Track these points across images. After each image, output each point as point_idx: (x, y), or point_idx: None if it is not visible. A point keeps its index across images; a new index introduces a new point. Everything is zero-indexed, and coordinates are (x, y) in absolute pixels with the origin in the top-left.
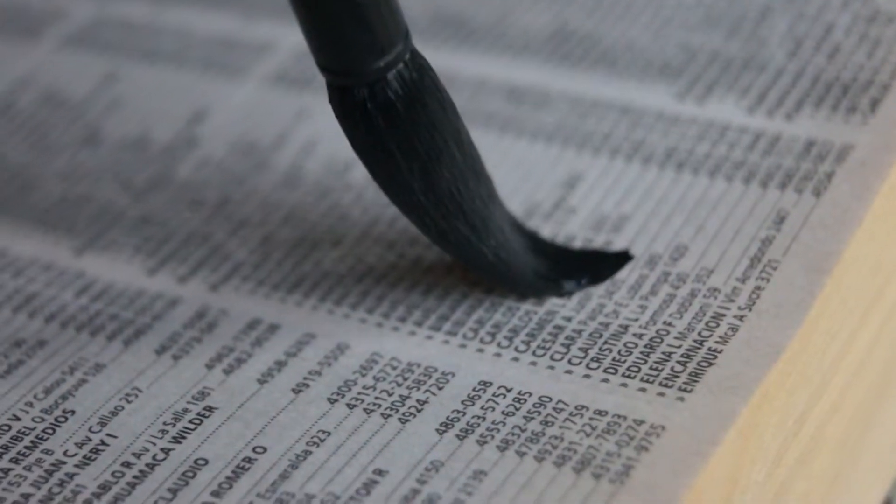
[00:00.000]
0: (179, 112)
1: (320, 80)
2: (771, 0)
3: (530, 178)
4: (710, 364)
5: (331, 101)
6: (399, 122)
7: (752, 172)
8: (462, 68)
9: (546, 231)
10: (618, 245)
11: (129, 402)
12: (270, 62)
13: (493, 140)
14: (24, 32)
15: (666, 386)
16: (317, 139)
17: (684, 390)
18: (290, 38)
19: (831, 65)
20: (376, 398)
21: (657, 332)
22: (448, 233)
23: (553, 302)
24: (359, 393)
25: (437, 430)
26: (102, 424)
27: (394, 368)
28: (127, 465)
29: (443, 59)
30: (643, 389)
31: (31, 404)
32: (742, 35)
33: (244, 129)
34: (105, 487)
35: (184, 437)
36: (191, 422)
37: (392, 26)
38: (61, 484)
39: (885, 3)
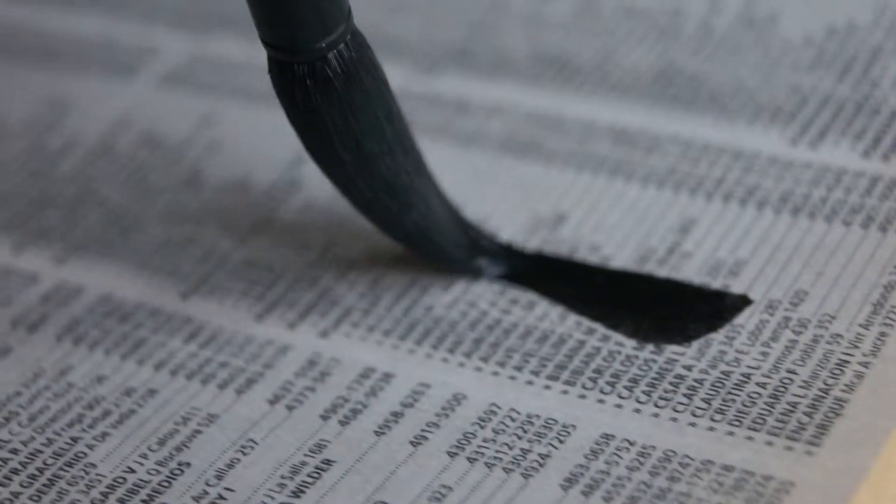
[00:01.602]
0: (280, 154)
1: (423, 122)
2: (881, 40)
3: (643, 223)
4: (837, 415)
5: (270, 72)
6: (336, 98)
7: (871, 217)
8: (567, 110)
9: (661, 274)
10: (735, 290)
11: (244, 454)
12: None
13: (604, 184)
14: (120, 71)
15: (793, 439)
16: None
17: (812, 444)
18: (390, 80)
19: None
20: (497, 452)
21: (781, 380)
22: (372, 202)
23: (673, 350)
24: (479, 446)
25: (561, 485)
26: (219, 478)
27: (513, 420)
28: None
29: (547, 100)
30: (770, 443)
31: (145, 456)
32: (853, 76)
33: None
34: None
35: (303, 492)
36: (309, 475)
37: (337, 7)
38: None
39: None
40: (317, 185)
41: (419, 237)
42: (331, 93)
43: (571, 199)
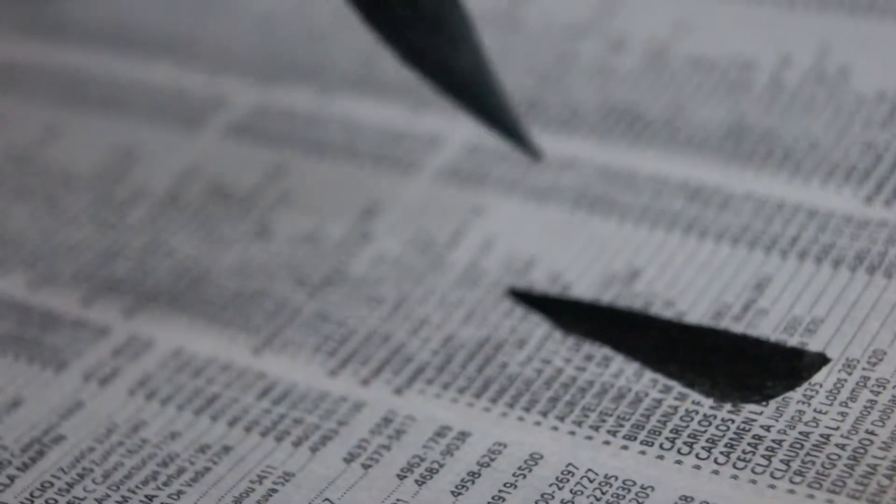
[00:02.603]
0: (351, 206)
1: (496, 176)
2: None
3: (718, 280)
4: None
5: None
6: None
7: None
8: (640, 166)
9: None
10: (812, 348)
11: None
12: (441, 156)
13: (678, 241)
14: (188, 121)
15: (874, 502)
16: (494, 236)
17: None
18: (459, 132)
19: None
20: None
21: (860, 441)
22: (428, 49)
23: (750, 409)
24: None
25: None
26: None
27: (591, 481)
28: None
29: (618, 155)
30: None
31: None
32: None
33: (419, 224)
34: None
35: None
36: None
37: None
38: None
39: None
40: (388, 238)
41: (477, 88)
42: None
43: (645, 255)
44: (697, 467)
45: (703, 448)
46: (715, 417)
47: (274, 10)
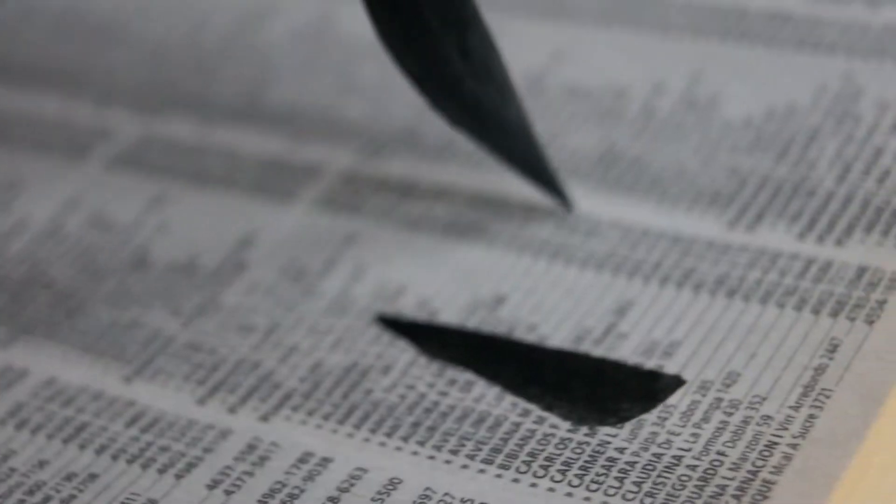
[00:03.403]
0: (228, 236)
1: (369, 206)
2: (820, 122)
3: (580, 306)
4: (765, 497)
5: None
6: None
7: (804, 300)
8: (512, 193)
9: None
10: (669, 370)
11: None
12: (318, 186)
13: (544, 267)
14: (73, 152)
15: None
16: (366, 265)
17: None
18: (338, 162)
19: (882, 189)
20: None
21: (710, 462)
22: (482, 100)
23: (606, 432)
24: None
25: None
26: None
27: None
28: None
29: (491, 183)
30: None
31: None
32: (791, 158)
33: (293, 253)
34: None
35: None
36: None
37: None
38: None
39: None
40: (262, 268)
41: (523, 136)
42: None
43: (511, 282)
44: (552, 490)
45: (557, 471)
46: (571, 440)
47: (164, 40)
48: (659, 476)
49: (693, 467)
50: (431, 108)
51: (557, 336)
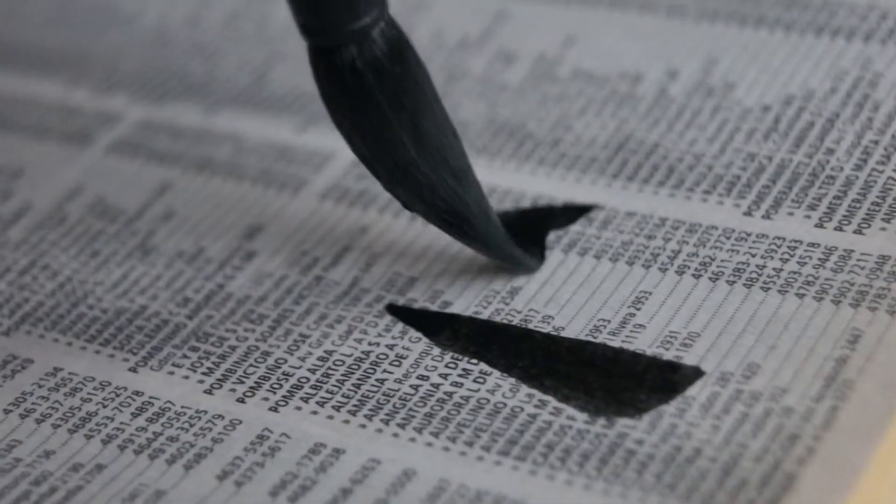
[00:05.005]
0: (234, 224)
1: (379, 193)
2: (838, 108)
3: (597, 297)
4: (788, 490)
5: (316, 66)
6: (387, 77)
7: (824, 289)
8: (526, 186)
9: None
10: (688, 362)
11: None
12: (328, 174)
13: (559, 258)
14: (75, 138)
15: None
16: (377, 253)
17: None
18: (347, 150)
19: None
20: None
21: (731, 454)
22: (437, 186)
23: (624, 423)
24: None
25: None
26: None
27: (462, 497)
28: None
29: (508, 175)
30: None
31: None
32: (809, 145)
33: (302, 242)
34: None
35: None
36: None
37: None
38: None
39: None
40: (270, 256)
41: (481, 219)
42: (382, 71)
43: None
44: (569, 483)
45: (575, 463)
46: (588, 432)
47: (166, 25)
48: (679, 468)
49: (714, 459)
50: (384, 188)
51: (573, 327)
